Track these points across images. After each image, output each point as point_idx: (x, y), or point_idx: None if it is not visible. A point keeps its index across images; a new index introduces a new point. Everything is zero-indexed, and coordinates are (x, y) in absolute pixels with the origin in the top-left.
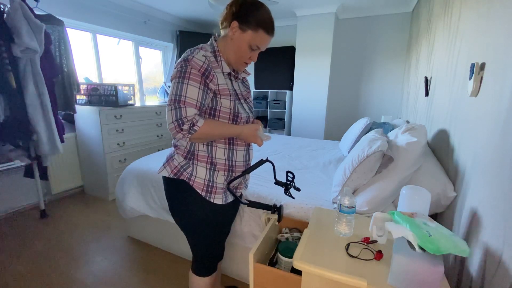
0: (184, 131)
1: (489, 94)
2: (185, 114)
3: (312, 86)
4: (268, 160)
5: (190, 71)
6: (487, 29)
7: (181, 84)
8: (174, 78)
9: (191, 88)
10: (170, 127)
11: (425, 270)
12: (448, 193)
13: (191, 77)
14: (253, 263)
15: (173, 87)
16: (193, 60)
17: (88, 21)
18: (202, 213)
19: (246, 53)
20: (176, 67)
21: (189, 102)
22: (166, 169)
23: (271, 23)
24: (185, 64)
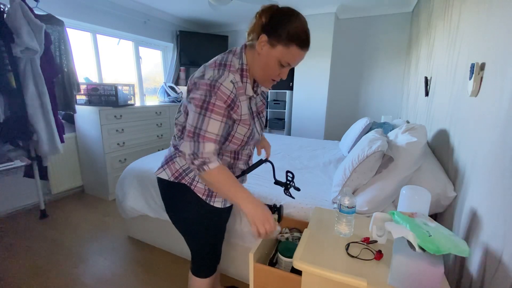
0: (194, 166)
1: (489, 94)
2: (203, 149)
3: (312, 86)
4: (267, 160)
5: (215, 103)
6: (487, 29)
7: (203, 116)
8: (196, 105)
9: (213, 123)
10: (186, 156)
11: (425, 270)
12: (448, 193)
13: (215, 110)
14: (253, 263)
15: (194, 116)
16: (220, 90)
17: (88, 21)
18: (201, 215)
19: (274, 70)
20: (200, 88)
21: (209, 138)
22: (165, 171)
23: (306, 36)
24: (210, 93)
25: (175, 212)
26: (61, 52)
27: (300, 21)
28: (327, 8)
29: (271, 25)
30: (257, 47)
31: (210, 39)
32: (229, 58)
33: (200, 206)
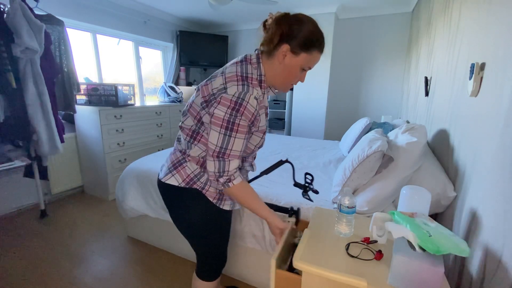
0: (219, 183)
1: (489, 94)
2: (228, 168)
3: (312, 86)
4: (287, 161)
5: (240, 123)
6: (487, 29)
7: (229, 137)
8: (221, 126)
9: (238, 141)
10: (210, 174)
11: (425, 270)
12: (448, 193)
13: (240, 130)
14: (274, 269)
15: (218, 136)
16: (246, 109)
17: (88, 21)
18: (210, 218)
19: (296, 76)
20: (223, 103)
21: (234, 155)
22: (175, 177)
23: (323, 39)
24: (236, 112)
25: (183, 217)
26: (61, 52)
27: (315, 26)
28: (327, 8)
29: (292, 34)
30: (278, 57)
31: (210, 39)
32: (249, 69)
33: (210, 209)
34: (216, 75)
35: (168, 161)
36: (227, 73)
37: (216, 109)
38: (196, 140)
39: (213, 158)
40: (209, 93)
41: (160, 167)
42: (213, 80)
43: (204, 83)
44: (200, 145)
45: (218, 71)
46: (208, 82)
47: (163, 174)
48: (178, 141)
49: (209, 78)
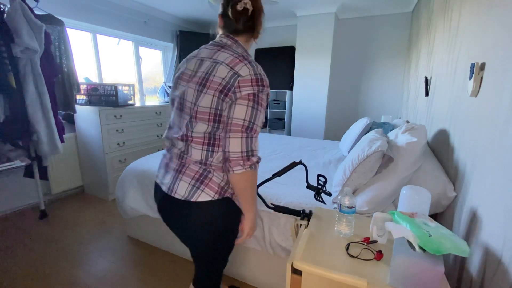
0: (249, 162)
1: (489, 94)
2: (256, 145)
3: (312, 86)
4: (301, 163)
5: (263, 97)
6: (487, 29)
7: (256, 110)
8: (248, 99)
9: (261, 116)
10: (236, 155)
11: (425, 270)
12: (448, 193)
13: (263, 104)
14: (290, 274)
15: (246, 110)
16: (266, 82)
17: (88, 21)
18: (236, 223)
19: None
20: (248, 86)
21: (258, 131)
22: (205, 192)
23: None
24: (262, 88)
25: (215, 229)
26: (61, 52)
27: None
28: (327, 8)
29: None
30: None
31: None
32: (239, 50)
33: (238, 212)
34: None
35: (184, 178)
36: (225, 61)
37: (241, 92)
38: (216, 146)
39: (241, 134)
40: (222, 85)
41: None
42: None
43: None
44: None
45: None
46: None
47: (186, 193)
48: (184, 154)
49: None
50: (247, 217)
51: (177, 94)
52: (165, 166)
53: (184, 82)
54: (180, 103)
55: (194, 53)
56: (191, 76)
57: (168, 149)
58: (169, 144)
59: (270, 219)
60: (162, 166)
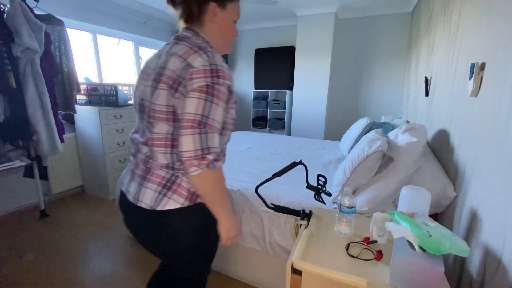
0: (205, 161)
1: (489, 94)
2: (213, 142)
3: (312, 86)
4: (301, 163)
5: (219, 89)
6: (487, 29)
7: (210, 103)
8: (200, 90)
9: (218, 110)
10: (188, 155)
11: (425, 270)
12: (448, 193)
13: (220, 96)
14: (290, 274)
15: (198, 103)
16: (224, 73)
17: (88, 21)
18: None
19: (233, 29)
20: (200, 77)
21: (215, 127)
22: (173, 199)
23: None
24: (218, 79)
25: (191, 239)
26: (61, 52)
27: None
28: (327, 8)
29: None
30: (209, 19)
31: None
32: (195, 41)
33: (213, 219)
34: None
35: (150, 184)
36: (178, 52)
37: (192, 85)
38: None
39: (192, 130)
40: (172, 78)
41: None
42: (165, 68)
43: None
44: None
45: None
46: (161, 70)
47: (152, 202)
48: (150, 158)
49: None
50: (221, 223)
51: (136, 94)
52: (131, 172)
53: (143, 81)
54: (140, 104)
55: (158, 51)
56: (150, 74)
57: (134, 154)
58: (134, 149)
59: (270, 219)
60: (128, 173)
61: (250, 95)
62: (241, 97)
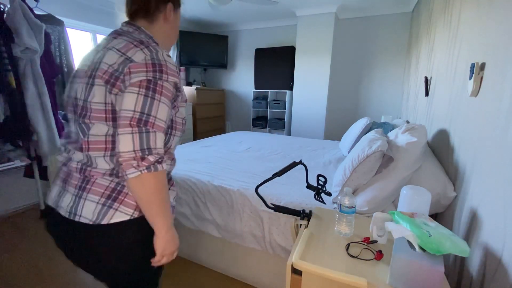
0: (144, 163)
1: (489, 94)
2: (155, 143)
3: (312, 86)
4: (301, 162)
5: (163, 85)
6: (487, 29)
7: (152, 99)
8: (139, 85)
9: (163, 108)
10: (128, 156)
11: (425, 270)
12: (448, 193)
13: (164, 92)
14: (290, 274)
15: (136, 99)
16: (169, 68)
17: (88, 21)
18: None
19: (177, 32)
20: (140, 72)
21: (159, 126)
22: (120, 210)
23: None
24: (161, 74)
25: (137, 256)
26: (61, 52)
27: None
28: (327, 8)
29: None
30: (164, 18)
31: (210, 39)
32: (141, 35)
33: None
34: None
35: (90, 196)
36: (116, 46)
37: (131, 79)
38: None
39: (131, 129)
40: (108, 73)
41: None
42: (101, 62)
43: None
44: None
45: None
46: (96, 65)
47: (94, 216)
48: (87, 165)
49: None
50: (159, 237)
51: (70, 94)
52: (61, 183)
53: (78, 78)
54: (73, 104)
55: (95, 46)
56: (86, 71)
57: (65, 163)
58: (65, 157)
59: (270, 219)
60: (56, 184)
61: (250, 95)
62: (241, 97)
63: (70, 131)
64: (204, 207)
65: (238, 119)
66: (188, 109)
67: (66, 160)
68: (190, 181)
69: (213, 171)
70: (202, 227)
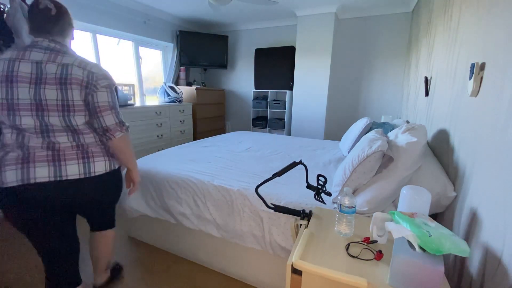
0: (124, 128)
1: (489, 94)
2: (122, 118)
3: (312, 86)
4: (301, 162)
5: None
6: (487, 29)
7: (113, 93)
8: (108, 87)
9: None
10: (113, 126)
11: (425, 270)
12: (448, 193)
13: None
14: (290, 274)
15: (108, 95)
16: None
17: (88, 21)
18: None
19: None
20: (105, 78)
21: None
22: (112, 162)
23: None
24: (110, 77)
25: (119, 190)
26: None
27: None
28: (327, 8)
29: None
30: (70, 37)
31: (210, 39)
32: (75, 52)
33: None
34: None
35: (89, 153)
36: (76, 62)
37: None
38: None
39: (109, 112)
40: (83, 82)
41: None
42: (70, 75)
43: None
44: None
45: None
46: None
47: (96, 168)
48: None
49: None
50: (133, 172)
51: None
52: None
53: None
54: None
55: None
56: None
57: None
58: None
59: (270, 219)
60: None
61: (250, 95)
62: (241, 97)
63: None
64: (204, 207)
65: (238, 119)
66: (188, 109)
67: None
68: (190, 181)
69: (213, 171)
70: (202, 227)
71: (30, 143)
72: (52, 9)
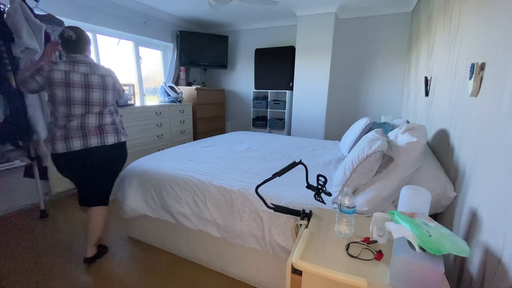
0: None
1: (489, 94)
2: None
3: (312, 86)
4: (301, 163)
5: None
6: (487, 29)
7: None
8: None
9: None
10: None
11: (425, 270)
12: (448, 193)
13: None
14: (290, 274)
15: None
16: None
17: (88, 21)
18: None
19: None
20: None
21: None
22: (123, 136)
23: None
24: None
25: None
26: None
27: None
28: (327, 8)
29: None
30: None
31: (210, 39)
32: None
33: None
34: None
35: (111, 127)
36: (107, 73)
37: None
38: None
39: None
40: (115, 88)
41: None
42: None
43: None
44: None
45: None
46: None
47: (116, 139)
48: (101, 115)
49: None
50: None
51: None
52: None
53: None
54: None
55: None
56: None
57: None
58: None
59: (270, 219)
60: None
61: (250, 95)
62: (241, 97)
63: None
64: (204, 207)
65: (238, 119)
66: (188, 109)
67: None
68: (190, 181)
69: (213, 171)
70: (202, 227)
71: (84, 123)
72: (72, 36)
